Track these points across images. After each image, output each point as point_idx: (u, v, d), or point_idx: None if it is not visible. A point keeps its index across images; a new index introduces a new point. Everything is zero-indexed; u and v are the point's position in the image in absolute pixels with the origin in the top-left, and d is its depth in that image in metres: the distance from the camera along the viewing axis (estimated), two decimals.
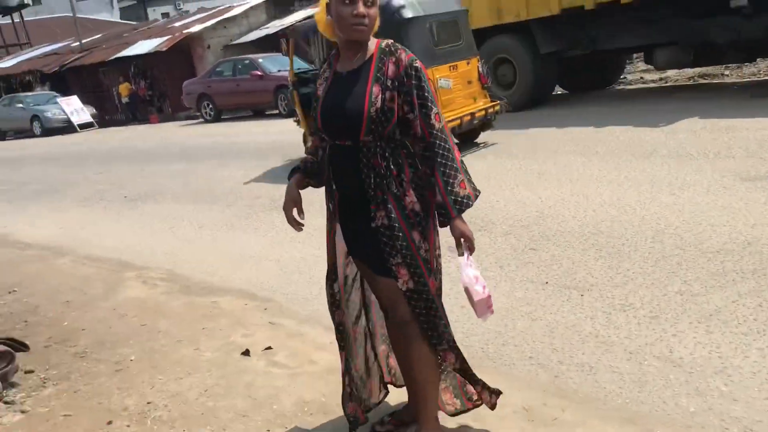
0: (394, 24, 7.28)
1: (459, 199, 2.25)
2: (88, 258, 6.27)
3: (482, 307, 2.33)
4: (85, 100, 25.16)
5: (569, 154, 7.16)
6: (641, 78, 13.28)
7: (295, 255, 5.40)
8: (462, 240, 2.27)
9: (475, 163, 7.44)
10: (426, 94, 2.24)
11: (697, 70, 11.69)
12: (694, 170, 5.77)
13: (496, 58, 10.93)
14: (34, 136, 22.78)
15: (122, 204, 8.60)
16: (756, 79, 10.73)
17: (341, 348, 2.59)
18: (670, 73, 12.14)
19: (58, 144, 19.22)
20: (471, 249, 2.30)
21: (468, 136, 8.54)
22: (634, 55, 13.46)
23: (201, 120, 19.46)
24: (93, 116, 24.24)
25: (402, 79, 2.23)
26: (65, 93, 25.44)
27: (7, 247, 7.09)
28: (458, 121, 7.67)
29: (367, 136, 2.26)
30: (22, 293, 5.34)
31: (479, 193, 2.33)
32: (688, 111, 8.25)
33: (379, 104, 2.22)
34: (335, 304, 2.54)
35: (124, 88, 24.67)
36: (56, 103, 23.46)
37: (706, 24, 8.32)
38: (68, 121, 23.07)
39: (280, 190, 2.26)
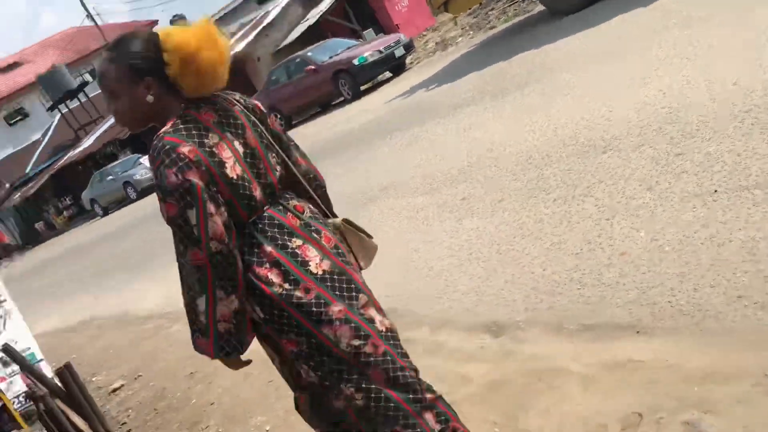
0: None
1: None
2: None
3: None
4: None
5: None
6: None
7: None
8: None
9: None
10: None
11: None
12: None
13: None
14: (130, 201, 23.21)
15: None
16: None
17: None
18: None
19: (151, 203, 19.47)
20: None
21: None
22: None
23: None
24: None
25: None
26: (146, 151, 25.74)
27: (128, 326, 6.85)
28: None
29: None
30: (147, 376, 5.05)
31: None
32: None
33: None
34: None
35: None
36: (141, 164, 23.82)
37: None
38: None
39: None
